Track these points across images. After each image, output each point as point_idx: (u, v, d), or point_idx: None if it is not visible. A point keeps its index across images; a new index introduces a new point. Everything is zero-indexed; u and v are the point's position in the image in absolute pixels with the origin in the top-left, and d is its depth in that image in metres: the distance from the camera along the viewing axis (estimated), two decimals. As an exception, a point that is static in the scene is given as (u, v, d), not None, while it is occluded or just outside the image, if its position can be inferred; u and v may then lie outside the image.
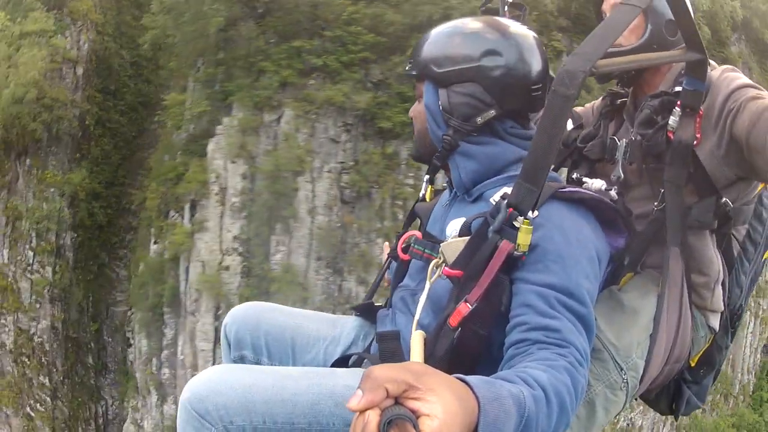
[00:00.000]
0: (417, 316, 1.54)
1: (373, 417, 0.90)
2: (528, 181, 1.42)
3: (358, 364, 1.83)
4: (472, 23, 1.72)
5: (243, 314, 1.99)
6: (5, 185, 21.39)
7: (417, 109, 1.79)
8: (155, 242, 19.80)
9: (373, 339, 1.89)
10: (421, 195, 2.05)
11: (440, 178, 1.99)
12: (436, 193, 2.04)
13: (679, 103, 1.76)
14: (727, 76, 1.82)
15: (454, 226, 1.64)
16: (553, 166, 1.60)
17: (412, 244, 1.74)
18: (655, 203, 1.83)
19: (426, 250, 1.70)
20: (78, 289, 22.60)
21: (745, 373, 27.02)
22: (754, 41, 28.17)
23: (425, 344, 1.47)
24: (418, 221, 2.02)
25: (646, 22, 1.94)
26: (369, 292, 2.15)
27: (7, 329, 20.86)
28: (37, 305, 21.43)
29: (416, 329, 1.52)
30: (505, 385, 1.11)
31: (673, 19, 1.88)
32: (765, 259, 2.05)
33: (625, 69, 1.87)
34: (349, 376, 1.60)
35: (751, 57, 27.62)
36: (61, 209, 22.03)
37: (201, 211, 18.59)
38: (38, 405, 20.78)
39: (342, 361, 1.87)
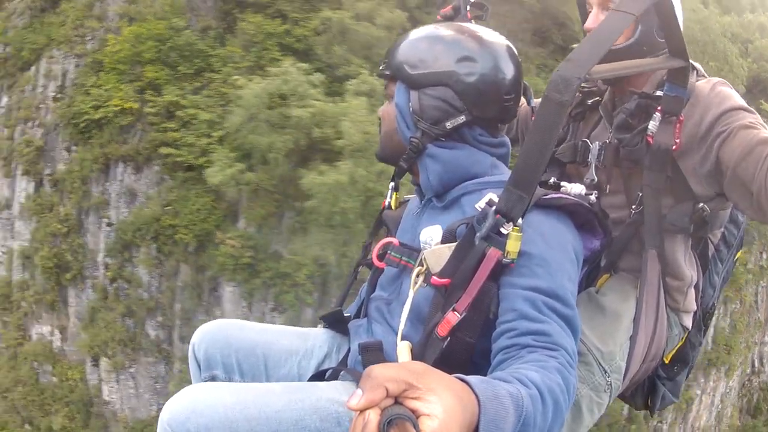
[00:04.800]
0: (402, 327, 1.52)
1: (373, 416, 0.89)
2: (518, 187, 1.41)
3: (334, 377, 1.78)
4: (448, 29, 1.72)
5: (211, 332, 1.91)
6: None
7: (386, 110, 1.77)
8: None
9: (347, 351, 1.85)
10: (386, 203, 2.02)
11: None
12: (401, 203, 2.02)
13: (659, 108, 1.77)
14: (720, 91, 1.79)
15: (429, 233, 1.62)
16: None
17: (389, 252, 1.71)
18: (633, 206, 1.85)
19: (403, 258, 1.67)
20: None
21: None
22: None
23: (412, 354, 1.45)
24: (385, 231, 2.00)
25: (637, 22, 1.91)
26: (337, 301, 2.11)
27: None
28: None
29: (400, 339, 1.50)
30: (502, 384, 1.10)
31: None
32: (736, 258, 2.11)
33: (618, 75, 1.86)
34: (332, 389, 1.57)
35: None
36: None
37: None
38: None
39: (317, 376, 1.82)
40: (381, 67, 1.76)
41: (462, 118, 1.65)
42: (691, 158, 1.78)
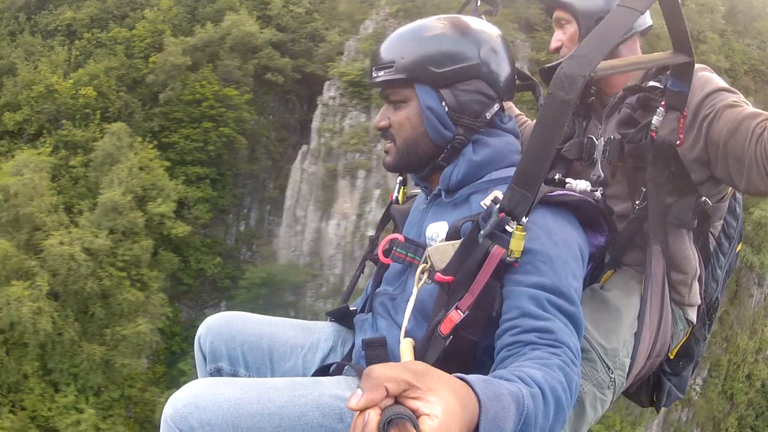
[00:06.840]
0: (405, 324, 1.51)
1: (373, 416, 0.89)
2: (522, 186, 1.40)
3: (338, 371, 1.79)
4: (450, 21, 1.70)
5: (217, 325, 1.92)
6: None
7: (404, 116, 1.69)
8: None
9: (352, 346, 1.86)
10: (394, 197, 2.02)
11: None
12: (408, 197, 2.01)
13: (663, 103, 1.76)
14: (701, 76, 1.82)
15: (435, 229, 1.62)
16: None
17: (394, 248, 1.71)
18: (637, 201, 1.83)
19: (409, 254, 1.67)
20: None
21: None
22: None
23: (414, 352, 1.45)
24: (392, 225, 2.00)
25: (580, 27, 2.02)
26: (343, 295, 2.11)
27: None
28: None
29: (404, 336, 1.50)
30: (503, 383, 1.10)
31: (602, 17, 1.90)
32: (738, 251, 2.09)
33: (622, 72, 1.87)
34: (335, 385, 1.57)
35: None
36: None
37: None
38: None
39: (322, 370, 1.83)
40: (382, 74, 1.68)
41: (497, 106, 1.68)
42: (682, 145, 1.78)
